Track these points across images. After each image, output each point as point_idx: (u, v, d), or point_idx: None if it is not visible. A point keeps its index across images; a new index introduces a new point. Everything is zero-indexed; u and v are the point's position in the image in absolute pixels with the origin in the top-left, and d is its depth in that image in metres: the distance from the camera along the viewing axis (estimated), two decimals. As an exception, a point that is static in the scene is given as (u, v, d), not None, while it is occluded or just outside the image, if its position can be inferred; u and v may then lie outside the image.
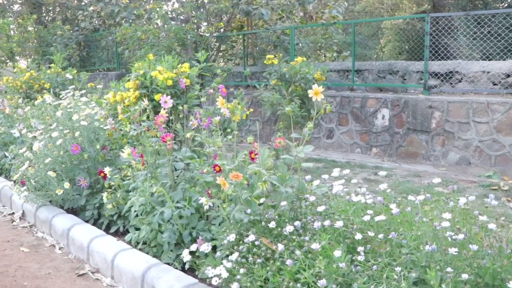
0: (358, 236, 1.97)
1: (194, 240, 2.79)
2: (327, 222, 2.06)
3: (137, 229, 3.22)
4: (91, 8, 10.95)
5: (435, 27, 11.13)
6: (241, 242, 2.35)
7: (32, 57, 10.50)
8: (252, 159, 2.51)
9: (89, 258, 3.03)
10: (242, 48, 9.00)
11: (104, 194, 3.26)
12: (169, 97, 3.02)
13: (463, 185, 5.20)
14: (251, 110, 4.63)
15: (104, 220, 3.52)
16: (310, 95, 2.51)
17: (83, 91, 4.00)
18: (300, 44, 8.15)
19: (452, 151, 6.42)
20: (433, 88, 6.94)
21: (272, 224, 2.29)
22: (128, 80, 4.41)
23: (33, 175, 3.63)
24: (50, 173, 3.39)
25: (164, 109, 3.00)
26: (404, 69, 7.46)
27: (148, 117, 3.31)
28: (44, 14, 12.29)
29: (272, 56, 5.49)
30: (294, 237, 2.13)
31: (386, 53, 12.15)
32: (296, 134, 2.70)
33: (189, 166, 2.95)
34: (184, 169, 2.97)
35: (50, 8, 12.27)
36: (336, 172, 2.58)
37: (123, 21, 9.15)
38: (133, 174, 2.99)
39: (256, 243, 2.26)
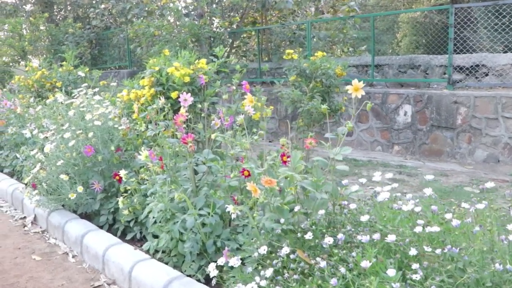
0: (413, 252, 1.73)
1: (218, 250, 2.57)
2: (376, 236, 1.81)
3: (155, 236, 3.01)
4: (102, 6, 10.78)
5: (455, 20, 10.78)
6: (273, 254, 2.12)
7: (44, 56, 10.37)
8: (284, 162, 2.28)
9: (105, 268, 2.83)
10: (256, 44, 8.76)
11: (120, 199, 3.05)
12: (189, 94, 2.80)
13: (494, 185, 4.91)
14: (271, 107, 4.40)
15: (120, 225, 3.32)
16: (349, 91, 2.27)
17: (96, 89, 3.79)
18: (315, 39, 7.87)
19: (480, 148, 6.13)
20: (457, 82, 6.64)
21: (308, 235, 2.06)
22: (143, 78, 4.20)
23: (45, 178, 3.44)
24: (63, 176, 3.19)
25: (183, 107, 2.78)
26: (426, 63, 7.16)
27: (165, 116, 3.09)
28: (56, 13, 12.16)
29: (292, 51, 5.24)
30: (336, 251, 1.89)
31: (403, 48, 11.82)
32: (331, 134, 2.46)
33: (211, 169, 2.72)
34: (207, 172, 2.74)
35: (62, 7, 12.13)
36: (377, 176, 2.34)
37: (134, 18, 8.96)
38: (151, 178, 2.77)
39: (292, 256, 2.03)
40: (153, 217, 2.72)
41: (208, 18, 7.11)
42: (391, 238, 1.77)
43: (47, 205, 3.45)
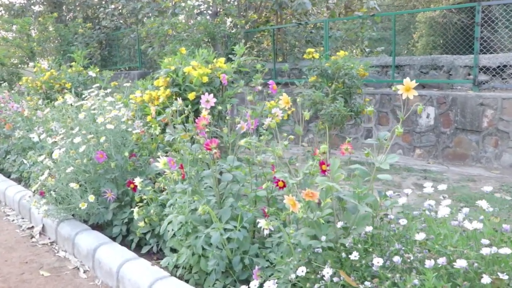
0: (485, 279, 1.46)
1: (245, 267, 2.31)
2: (442, 260, 1.54)
3: (173, 250, 2.77)
4: (112, 6, 10.59)
5: (471, 20, 10.45)
6: (312, 276, 1.86)
7: (53, 57, 10.18)
8: (324, 171, 2.02)
9: (119, 286, 2.58)
10: (269, 44, 8.49)
11: (135, 209, 2.80)
12: (211, 95, 2.55)
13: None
14: (293, 109, 4.14)
15: (134, 237, 3.07)
16: (400, 92, 2.00)
17: (108, 90, 3.55)
18: (331, 39, 7.59)
19: (507, 152, 5.82)
20: (483, 84, 6.33)
21: (354, 256, 1.79)
22: (157, 78, 3.96)
23: (54, 186, 3.20)
24: (73, 185, 2.95)
25: (205, 109, 2.53)
26: (450, 63, 6.86)
27: (186, 119, 2.84)
28: (65, 13, 11.99)
29: (312, 49, 4.98)
30: (389, 274, 1.62)
31: (419, 48, 11.50)
32: (373, 140, 2.20)
33: (236, 177, 2.46)
34: (231, 181, 2.48)
35: (71, 7, 11.96)
36: (429, 187, 2.07)
37: (145, 18, 8.75)
38: (170, 187, 2.52)
39: (335, 279, 1.77)
40: (172, 230, 2.47)
41: (225, 15, 6.85)
42: (460, 263, 1.50)
43: (56, 215, 3.21)
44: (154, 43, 6.83)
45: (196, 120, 2.41)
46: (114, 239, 3.09)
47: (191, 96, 3.50)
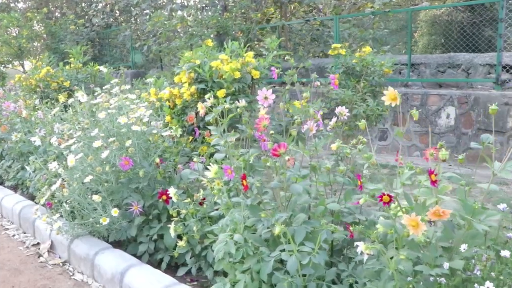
0: None
1: (320, 297, 1.91)
2: None
3: (218, 273, 2.35)
4: (103, 2, 10.08)
5: (478, 18, 10.25)
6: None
7: (40, 55, 9.59)
8: (434, 182, 1.64)
9: (158, 319, 2.15)
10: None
11: (172, 226, 2.36)
12: (270, 91, 2.14)
13: None
14: (326, 109, 3.75)
15: (163, 255, 2.65)
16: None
17: (127, 86, 3.11)
18: (340, 35, 7.24)
19: (533, 154, 5.54)
20: (507, 82, 6.05)
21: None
22: (178, 74, 3.53)
23: (67, 198, 2.74)
24: (95, 197, 2.50)
25: (263, 107, 2.12)
26: (468, 62, 6.57)
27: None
28: (53, 10, 11.38)
29: (338, 45, 4.60)
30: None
31: (421, 47, 11.23)
32: (476, 144, 1.84)
33: (306, 188, 2.06)
34: (299, 193, 2.07)
35: (57, 4, 11.36)
36: None
37: (140, 14, 8.28)
38: (223, 200, 2.09)
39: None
40: (224, 252, 2.04)
41: (240, 9, 6.42)
42: None
43: (70, 232, 2.75)
44: (161, 37, 6.36)
45: (257, 121, 2.00)
46: (139, 258, 2.66)
47: (220, 93, 3.09)
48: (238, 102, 2.24)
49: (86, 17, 11.10)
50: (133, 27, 9.08)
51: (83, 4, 11.47)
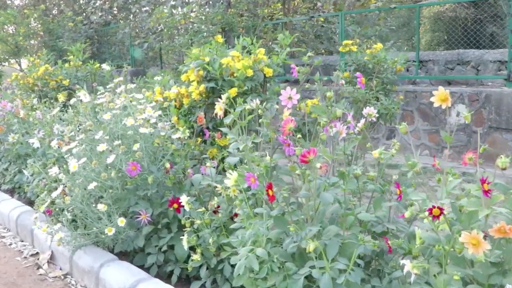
0: None
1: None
2: None
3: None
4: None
5: (482, 14, 10.08)
6: None
7: (38, 53, 9.35)
8: (487, 192, 1.46)
9: None
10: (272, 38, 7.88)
11: (185, 238, 2.17)
12: (294, 90, 1.95)
13: None
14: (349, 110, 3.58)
15: (173, 268, 2.46)
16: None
17: (132, 85, 2.91)
18: (350, 32, 7.06)
19: (547, 152, 5.38)
20: (518, 79, 5.88)
21: None
22: (185, 72, 3.34)
23: (69, 205, 2.55)
24: (101, 206, 2.30)
25: (288, 108, 1.93)
26: (478, 58, 6.40)
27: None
28: (50, 7, 11.13)
29: (349, 41, 4.41)
30: None
31: (424, 44, 11.07)
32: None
33: (336, 198, 1.87)
34: (329, 203, 1.88)
35: (55, 1, 11.11)
36: None
37: (140, 11, 8.06)
38: (245, 211, 1.90)
39: None
40: (245, 268, 1.85)
41: (248, 3, 6.21)
42: None
43: (73, 243, 2.55)
44: (164, 35, 6.14)
45: (282, 123, 1.81)
46: (147, 270, 2.47)
47: (232, 92, 2.90)
48: (252, 101, 2.06)
49: (84, 14, 10.87)
50: (132, 25, 8.85)
51: (81, 1, 11.22)
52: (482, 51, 6.50)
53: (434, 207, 1.43)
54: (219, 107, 1.98)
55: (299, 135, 1.89)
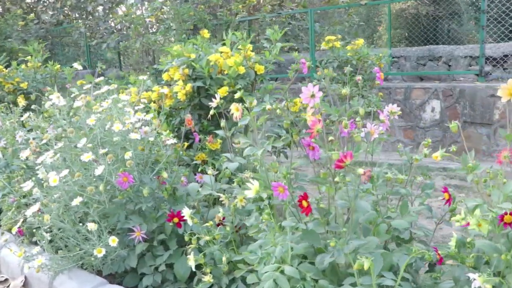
0: None
1: None
2: None
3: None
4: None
5: (442, 12, 10.30)
6: None
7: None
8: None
9: None
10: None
11: (191, 256, 1.91)
12: (316, 87, 1.73)
13: None
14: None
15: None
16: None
17: (113, 87, 2.59)
18: (317, 28, 6.93)
19: (521, 145, 5.46)
20: (490, 74, 5.96)
21: None
22: (166, 71, 3.06)
23: (46, 224, 2.22)
24: (91, 225, 1.99)
25: (310, 107, 1.71)
26: (449, 54, 6.44)
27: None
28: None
29: (333, 37, 4.27)
30: None
31: (385, 41, 11.20)
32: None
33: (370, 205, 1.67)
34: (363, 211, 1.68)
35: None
36: None
37: (97, 10, 7.62)
38: (271, 224, 1.67)
39: None
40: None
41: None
42: None
43: (54, 268, 2.22)
44: (132, 32, 5.76)
45: (310, 125, 1.59)
46: (142, 294, 2.19)
47: (222, 91, 2.66)
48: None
49: (32, 13, 10.21)
50: (88, 24, 8.37)
51: (29, 0, 10.54)
52: (452, 46, 6.55)
53: (506, 213, 1.26)
54: (235, 108, 1.73)
55: (331, 137, 1.68)
